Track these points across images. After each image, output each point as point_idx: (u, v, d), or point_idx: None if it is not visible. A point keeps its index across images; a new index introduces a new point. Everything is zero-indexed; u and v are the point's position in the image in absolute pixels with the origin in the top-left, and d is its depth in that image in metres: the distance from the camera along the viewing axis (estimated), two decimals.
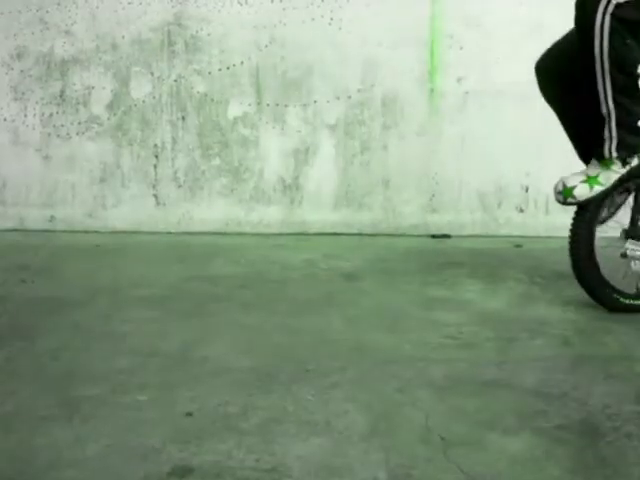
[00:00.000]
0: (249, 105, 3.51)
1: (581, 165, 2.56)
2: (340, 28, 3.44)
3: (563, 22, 3.44)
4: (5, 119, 3.53)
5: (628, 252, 2.41)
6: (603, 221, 2.44)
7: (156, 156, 3.53)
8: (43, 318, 2.37)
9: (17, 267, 2.90)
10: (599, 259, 2.40)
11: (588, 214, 2.38)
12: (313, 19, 3.44)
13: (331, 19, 3.44)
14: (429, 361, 2.06)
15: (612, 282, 2.43)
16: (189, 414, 1.73)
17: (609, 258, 2.42)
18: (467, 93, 3.49)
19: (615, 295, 2.44)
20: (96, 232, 3.47)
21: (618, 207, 2.47)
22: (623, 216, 2.50)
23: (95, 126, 3.49)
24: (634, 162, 2.36)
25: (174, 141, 3.53)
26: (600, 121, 2.30)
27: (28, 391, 1.84)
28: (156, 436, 1.62)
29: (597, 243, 2.41)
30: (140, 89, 3.47)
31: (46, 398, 1.80)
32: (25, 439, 1.61)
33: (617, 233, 2.47)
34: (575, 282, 2.46)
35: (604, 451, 1.60)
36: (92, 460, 1.53)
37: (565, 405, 1.81)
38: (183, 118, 3.52)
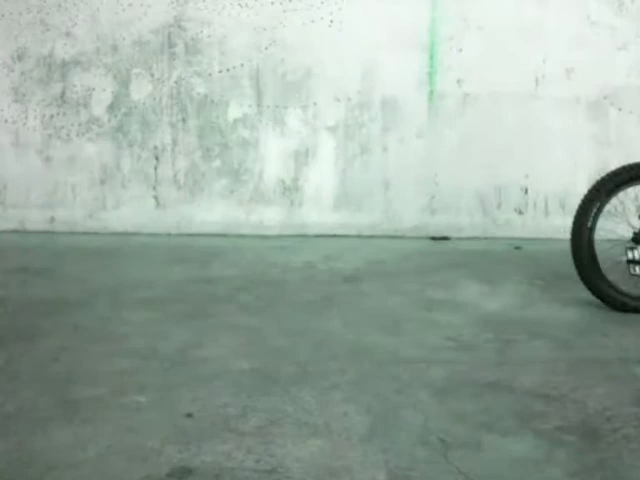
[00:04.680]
0: (249, 107, 3.52)
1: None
2: (340, 30, 3.45)
3: (561, 25, 3.47)
4: (6, 121, 3.53)
5: None
6: None
7: (156, 158, 3.53)
8: (43, 319, 2.37)
9: (18, 268, 2.90)
10: None
11: None
12: (313, 21, 3.44)
13: (331, 21, 3.44)
14: (428, 363, 2.06)
15: None
16: (189, 415, 1.74)
17: None
18: (467, 95, 3.49)
19: None
20: (96, 233, 3.47)
21: None
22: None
23: (95, 127, 3.49)
24: None
25: (174, 143, 3.54)
26: None
27: (28, 392, 1.85)
28: (156, 437, 1.63)
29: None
30: (140, 91, 3.48)
31: (46, 399, 1.81)
32: (25, 440, 1.61)
33: None
34: (575, 284, 2.46)
35: (603, 453, 1.60)
36: (92, 461, 1.54)
37: (564, 407, 1.81)
38: (183, 120, 3.52)
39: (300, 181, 3.56)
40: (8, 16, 3.45)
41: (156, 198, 3.54)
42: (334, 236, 3.54)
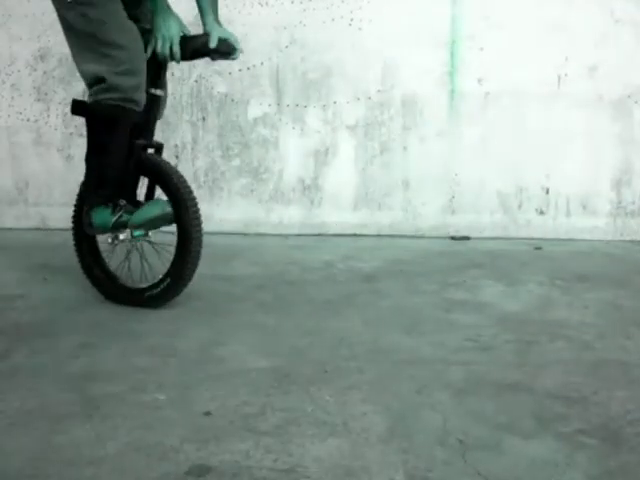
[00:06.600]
0: (269, 106, 3.52)
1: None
2: (360, 29, 3.44)
3: (584, 22, 3.43)
4: (28, 119, 3.57)
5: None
6: None
7: (176, 156, 3.54)
8: (64, 316, 2.39)
9: (39, 266, 2.93)
10: None
11: None
12: (333, 20, 3.44)
13: (351, 20, 3.44)
14: (448, 363, 2.05)
15: None
16: (207, 414, 1.74)
17: None
18: (487, 94, 3.47)
19: None
20: None
21: None
22: None
23: None
24: None
25: (194, 141, 3.55)
26: None
27: (49, 389, 1.86)
28: (174, 435, 1.63)
29: None
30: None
31: (66, 396, 1.82)
32: (45, 437, 1.63)
33: None
34: (596, 285, 2.44)
35: (625, 457, 1.58)
36: (111, 458, 1.54)
37: (585, 409, 1.79)
38: (203, 118, 3.54)
39: (320, 180, 3.56)
40: (31, 16, 3.48)
41: None
42: (354, 235, 3.53)
